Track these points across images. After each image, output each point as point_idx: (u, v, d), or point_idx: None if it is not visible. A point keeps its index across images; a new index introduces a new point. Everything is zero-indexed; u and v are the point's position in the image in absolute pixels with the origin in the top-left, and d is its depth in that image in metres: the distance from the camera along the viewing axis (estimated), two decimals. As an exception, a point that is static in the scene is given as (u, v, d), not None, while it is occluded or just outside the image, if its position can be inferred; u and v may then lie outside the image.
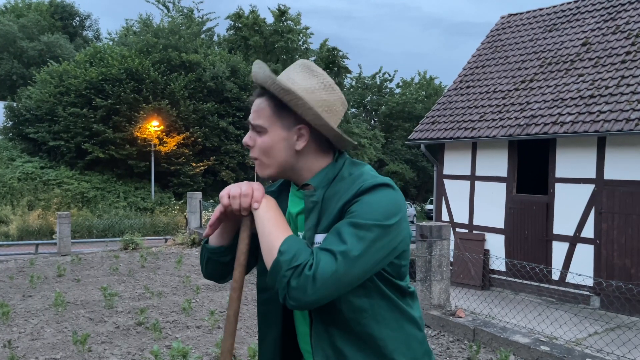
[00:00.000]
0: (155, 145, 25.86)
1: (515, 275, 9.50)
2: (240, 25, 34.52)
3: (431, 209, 22.42)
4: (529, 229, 10.09)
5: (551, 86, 10.49)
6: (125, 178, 26.41)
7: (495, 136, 10.33)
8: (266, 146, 1.35)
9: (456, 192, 11.50)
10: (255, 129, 1.37)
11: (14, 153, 25.65)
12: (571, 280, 9.05)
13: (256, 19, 33.92)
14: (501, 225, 10.55)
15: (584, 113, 9.22)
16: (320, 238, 1.27)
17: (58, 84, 25.99)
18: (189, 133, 27.34)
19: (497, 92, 11.57)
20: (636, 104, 8.63)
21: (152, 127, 25.93)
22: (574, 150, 9.48)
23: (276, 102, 1.33)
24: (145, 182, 26.70)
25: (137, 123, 25.86)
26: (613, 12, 11.28)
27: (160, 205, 25.23)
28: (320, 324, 1.32)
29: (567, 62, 10.83)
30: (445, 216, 11.68)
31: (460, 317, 5.73)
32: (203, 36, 35.95)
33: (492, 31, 13.98)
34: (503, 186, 10.58)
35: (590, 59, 10.48)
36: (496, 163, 10.75)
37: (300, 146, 1.35)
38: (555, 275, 9.49)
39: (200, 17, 35.96)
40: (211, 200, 20.77)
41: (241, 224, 1.37)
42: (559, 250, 9.61)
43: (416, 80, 45.90)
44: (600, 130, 8.69)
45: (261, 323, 1.48)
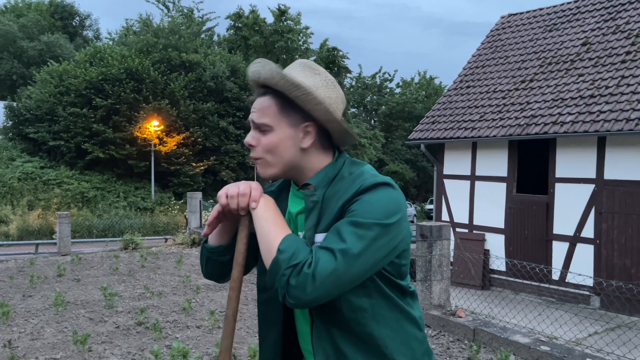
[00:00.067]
0: (155, 145, 25.85)
1: (515, 275, 9.50)
2: (240, 25, 34.53)
3: (431, 209, 22.42)
4: (529, 229, 10.09)
5: (551, 86, 10.49)
6: (125, 178, 26.42)
7: (495, 136, 10.33)
8: (272, 145, 1.33)
9: (456, 192, 11.50)
10: (259, 128, 1.35)
11: (14, 153, 25.66)
12: (571, 280, 9.05)
13: (256, 19, 33.93)
14: (501, 225, 10.55)
15: (584, 113, 9.22)
16: (320, 238, 1.26)
17: (58, 84, 25.98)
18: (189, 133, 27.33)
19: (497, 92, 11.57)
20: (636, 104, 8.63)
21: (152, 127, 25.92)
22: (574, 150, 9.48)
23: (282, 100, 1.32)
24: (145, 182, 26.70)
25: (137, 123, 25.86)
26: (613, 12, 11.28)
27: (160, 205, 25.23)
28: (321, 324, 1.31)
29: (567, 62, 10.83)
30: (445, 216, 11.68)
31: (460, 317, 5.73)
32: (203, 36, 35.94)
33: (492, 31, 13.98)
34: (503, 186, 10.58)
35: (590, 59, 10.48)
36: (496, 163, 10.75)
37: (307, 144, 1.34)
38: (555, 275, 9.49)
39: (200, 17, 35.97)
40: (211, 200, 20.78)
41: (239, 224, 1.37)
42: (559, 250, 9.61)
43: (416, 80, 45.94)
44: (600, 130, 8.69)
45: (261, 323, 1.47)
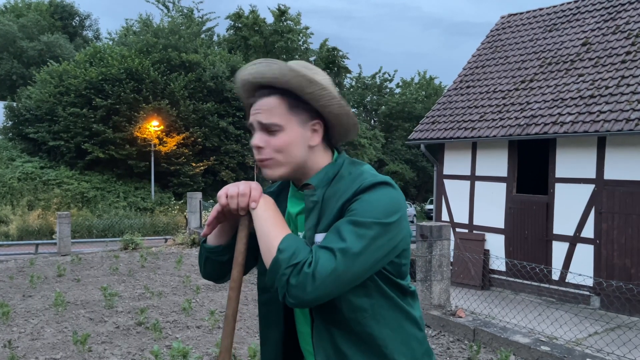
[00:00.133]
0: (155, 145, 25.85)
1: (515, 275, 9.50)
2: (240, 25, 34.57)
3: (431, 209, 22.42)
4: (529, 229, 10.09)
5: (551, 86, 10.49)
6: (125, 178, 26.42)
7: (495, 136, 10.33)
8: (284, 145, 1.31)
9: (456, 192, 11.50)
10: (267, 129, 1.32)
11: (14, 153, 25.65)
12: (571, 280, 9.05)
13: (256, 19, 33.96)
14: (501, 225, 10.55)
15: (584, 113, 9.22)
16: (320, 237, 1.26)
17: (58, 84, 25.98)
18: (189, 133, 27.33)
19: (497, 92, 11.57)
20: (636, 104, 8.63)
21: (152, 127, 25.92)
22: (574, 150, 9.47)
23: (290, 98, 1.31)
24: (145, 182, 26.69)
25: (137, 123, 25.86)
26: (613, 12, 11.28)
27: (160, 205, 25.23)
28: (321, 324, 1.31)
29: (567, 62, 10.83)
30: (445, 216, 11.68)
31: (460, 317, 5.73)
32: (203, 36, 35.93)
33: (492, 31, 13.98)
34: (503, 186, 10.58)
35: (590, 59, 10.48)
36: (496, 163, 10.75)
37: (315, 142, 1.34)
38: (555, 275, 9.49)
39: (200, 17, 35.96)
40: (211, 200, 20.77)
41: (239, 224, 1.36)
42: (559, 250, 9.61)
43: (416, 80, 45.95)
44: (600, 130, 8.69)
45: (262, 324, 1.47)
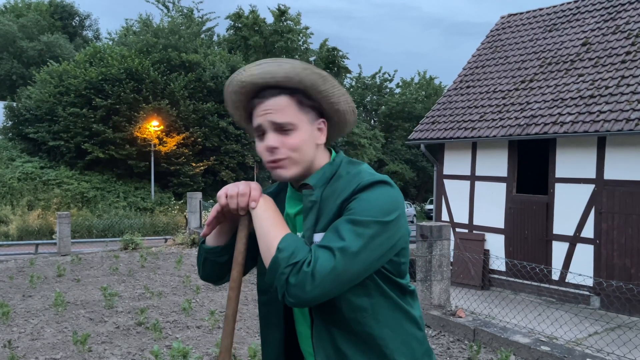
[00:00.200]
0: (155, 145, 25.84)
1: (515, 275, 9.50)
2: (240, 25, 34.56)
3: (431, 209, 22.41)
4: (529, 229, 10.08)
5: (551, 86, 10.49)
6: (125, 178, 26.42)
7: (495, 136, 10.33)
8: (300, 143, 1.31)
9: (456, 192, 11.50)
10: (281, 129, 1.31)
11: (14, 153, 25.65)
12: (571, 280, 9.05)
13: (256, 19, 33.96)
14: (501, 225, 10.55)
15: (584, 113, 9.22)
16: (319, 237, 1.26)
17: (58, 84, 25.98)
18: (189, 133, 27.33)
19: (497, 92, 11.57)
20: (636, 104, 8.63)
21: (152, 127, 25.92)
22: (574, 150, 9.47)
23: (299, 97, 1.32)
24: (145, 182, 26.69)
25: (137, 123, 25.86)
26: (613, 12, 11.28)
27: (160, 205, 25.22)
28: (321, 324, 1.31)
29: (567, 62, 10.83)
30: (445, 216, 11.68)
31: (460, 317, 5.72)
32: (203, 36, 35.93)
33: (492, 31, 13.98)
34: (503, 186, 10.58)
35: (590, 59, 10.48)
36: (496, 163, 10.75)
37: (322, 140, 1.37)
38: (555, 275, 9.49)
39: (200, 17, 35.95)
40: (211, 200, 20.78)
41: (239, 224, 1.36)
42: (559, 250, 9.61)
43: (416, 80, 45.94)
44: (600, 130, 8.69)
45: (263, 324, 1.47)
